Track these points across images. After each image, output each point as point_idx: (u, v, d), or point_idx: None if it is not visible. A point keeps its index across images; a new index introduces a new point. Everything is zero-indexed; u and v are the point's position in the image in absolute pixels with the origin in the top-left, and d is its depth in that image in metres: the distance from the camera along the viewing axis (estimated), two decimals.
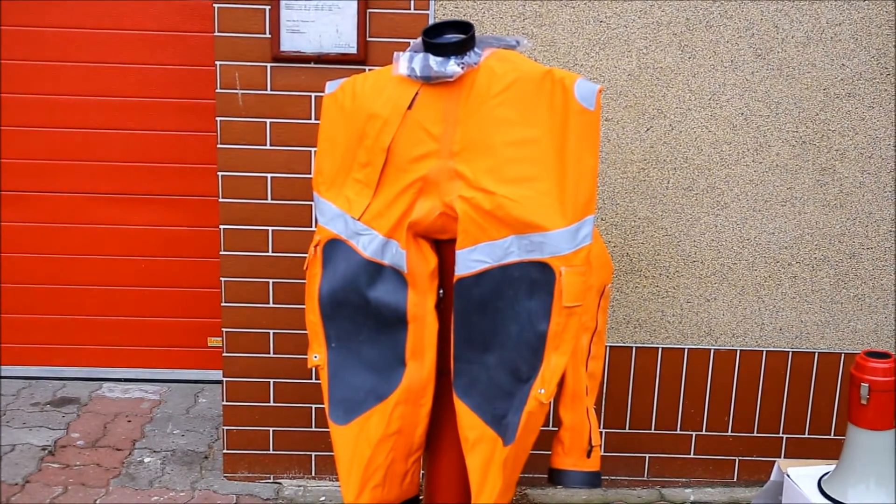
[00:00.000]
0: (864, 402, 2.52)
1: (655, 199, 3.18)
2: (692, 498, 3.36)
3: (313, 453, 3.38)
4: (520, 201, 2.22)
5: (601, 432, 3.35)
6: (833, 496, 2.58)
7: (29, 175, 4.02)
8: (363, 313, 2.39)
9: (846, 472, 2.59)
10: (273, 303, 3.26)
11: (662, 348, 3.30)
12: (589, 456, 2.48)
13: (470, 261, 2.28)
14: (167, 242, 4.08)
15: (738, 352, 3.30)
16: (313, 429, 3.35)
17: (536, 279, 2.27)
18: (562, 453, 2.49)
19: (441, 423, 2.54)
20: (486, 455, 2.36)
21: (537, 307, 2.28)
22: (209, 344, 4.12)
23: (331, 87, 2.45)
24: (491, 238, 2.26)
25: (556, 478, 2.50)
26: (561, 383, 2.41)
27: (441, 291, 2.42)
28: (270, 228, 3.21)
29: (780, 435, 3.37)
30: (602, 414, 3.34)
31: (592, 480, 2.50)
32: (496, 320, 2.32)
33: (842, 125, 3.14)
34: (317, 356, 2.46)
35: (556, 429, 2.48)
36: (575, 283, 2.26)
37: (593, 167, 2.25)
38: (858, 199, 3.19)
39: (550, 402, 2.36)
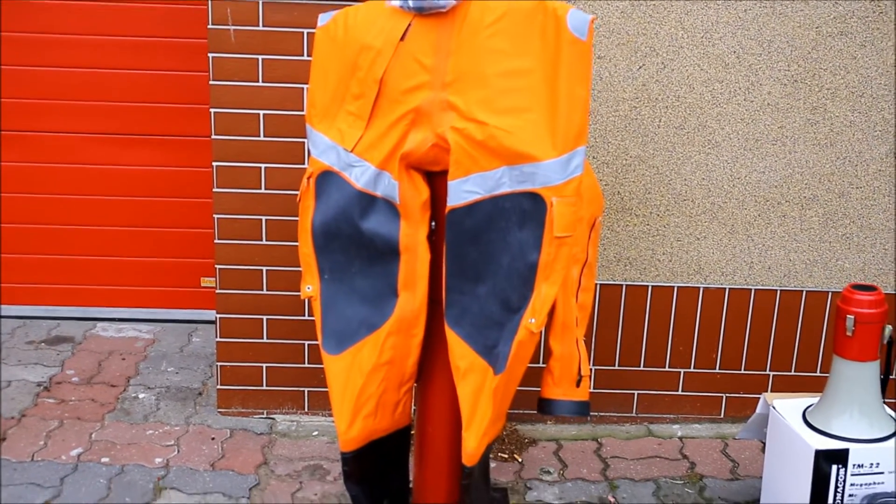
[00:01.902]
0: (849, 333, 2.55)
1: (647, 137, 3.19)
2: (680, 433, 3.41)
3: (306, 389, 3.42)
4: (512, 132, 2.23)
5: (591, 369, 3.39)
6: (817, 426, 2.63)
7: (24, 115, 4.01)
8: (356, 245, 2.41)
9: (830, 403, 2.64)
10: (266, 240, 3.27)
11: (652, 286, 3.33)
12: (578, 386, 2.51)
13: (462, 192, 2.30)
14: (161, 183, 4.08)
15: (727, 290, 3.34)
16: (306, 365, 3.39)
17: (527, 210, 2.28)
18: (551, 383, 2.53)
19: (433, 353, 2.57)
20: (476, 384, 2.39)
21: (528, 238, 2.30)
22: (202, 284, 4.14)
23: (323, 18, 2.45)
24: (482, 169, 2.27)
25: (546, 407, 2.54)
26: (551, 314, 2.44)
27: (433, 223, 2.44)
28: (263, 165, 3.21)
29: (767, 372, 3.41)
30: (592, 351, 3.38)
31: (581, 410, 2.54)
32: (487, 251, 2.34)
33: (833, 64, 3.14)
34: (310, 287, 2.49)
35: (546, 362, 2.52)
36: (566, 213, 2.28)
37: (585, 98, 2.26)
38: (849, 138, 3.20)
39: (541, 333, 2.40)
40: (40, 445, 3.19)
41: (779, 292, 3.34)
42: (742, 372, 3.41)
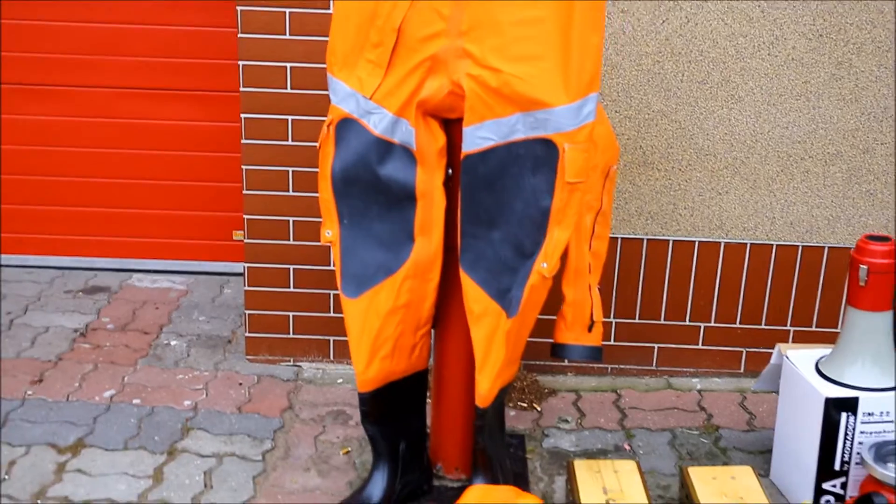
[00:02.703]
0: (862, 283, 2.56)
1: (669, 91, 3.20)
2: (699, 387, 3.44)
3: (331, 338, 3.50)
4: (525, 79, 2.27)
5: (612, 322, 3.43)
6: (829, 375, 2.65)
7: (62, 70, 4.10)
8: (374, 190, 2.47)
9: (843, 353, 2.66)
10: (292, 191, 3.34)
11: (673, 241, 3.35)
12: (590, 331, 2.57)
13: (476, 138, 2.35)
14: (193, 137, 4.17)
15: (749, 245, 3.35)
16: (332, 314, 3.46)
17: (540, 156, 2.33)
18: (564, 328, 2.58)
19: (449, 299, 2.63)
20: (490, 327, 2.45)
21: (541, 183, 2.35)
22: (234, 237, 4.23)
23: None
24: (497, 116, 2.31)
25: (559, 352, 2.60)
26: (564, 260, 2.49)
27: (450, 170, 2.49)
28: (290, 118, 3.28)
29: (788, 327, 3.43)
30: (612, 305, 3.42)
31: (593, 354, 2.59)
32: (501, 197, 2.39)
33: (859, 18, 3.12)
34: (329, 232, 2.55)
35: (559, 308, 2.57)
36: (577, 159, 2.32)
37: (598, 45, 2.30)
38: (874, 93, 3.19)
39: (553, 278, 2.45)
40: (75, 387, 3.31)
41: (801, 248, 3.35)
42: (762, 327, 3.43)
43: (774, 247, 3.35)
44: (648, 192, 3.30)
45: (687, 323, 3.44)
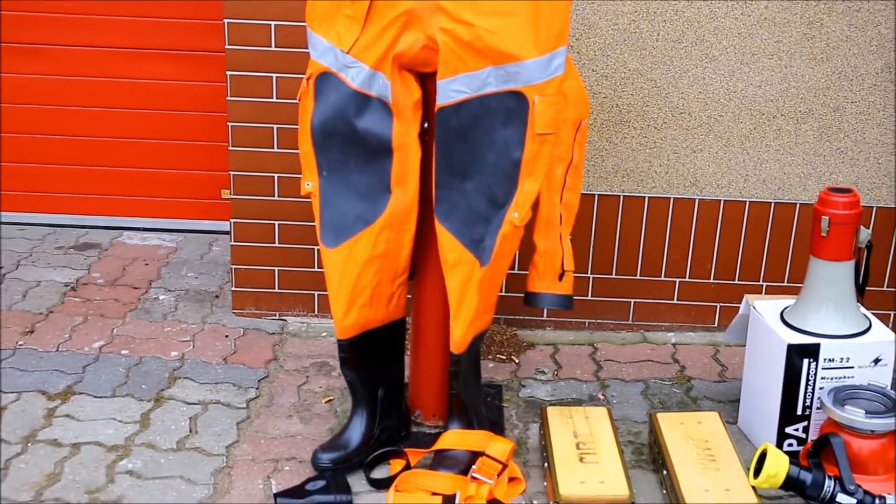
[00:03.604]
0: (824, 234, 2.64)
1: (645, 51, 3.26)
2: (673, 340, 3.52)
3: (316, 292, 3.57)
4: (497, 32, 2.33)
5: (589, 277, 3.51)
6: (793, 324, 2.73)
7: (50, 29, 4.15)
8: (352, 143, 2.53)
9: (807, 302, 2.74)
10: (277, 147, 3.40)
11: (649, 197, 3.42)
12: (561, 280, 2.64)
13: (450, 90, 2.41)
14: (185, 97, 4.22)
15: (722, 202, 3.42)
16: (316, 269, 3.53)
17: (512, 108, 2.39)
18: (536, 277, 2.65)
19: (426, 250, 2.70)
20: (464, 276, 2.53)
21: (512, 135, 2.41)
22: (223, 196, 4.28)
23: None
24: (470, 69, 2.37)
25: (531, 300, 2.67)
26: (535, 211, 2.56)
27: (425, 124, 2.55)
28: (274, 75, 3.33)
29: (761, 283, 3.50)
30: (589, 261, 3.49)
31: (564, 302, 2.66)
32: (474, 149, 2.45)
33: None
34: (309, 184, 2.62)
35: (531, 258, 2.64)
36: (547, 111, 2.39)
37: (566, 1, 2.36)
38: (844, 52, 3.25)
39: (524, 228, 2.52)
40: (65, 338, 3.39)
41: (773, 205, 3.42)
42: (736, 282, 3.50)
43: (747, 203, 3.42)
44: (624, 149, 3.36)
45: (662, 278, 3.52)
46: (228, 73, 3.34)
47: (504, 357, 3.37)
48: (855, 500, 2.37)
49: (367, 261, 2.57)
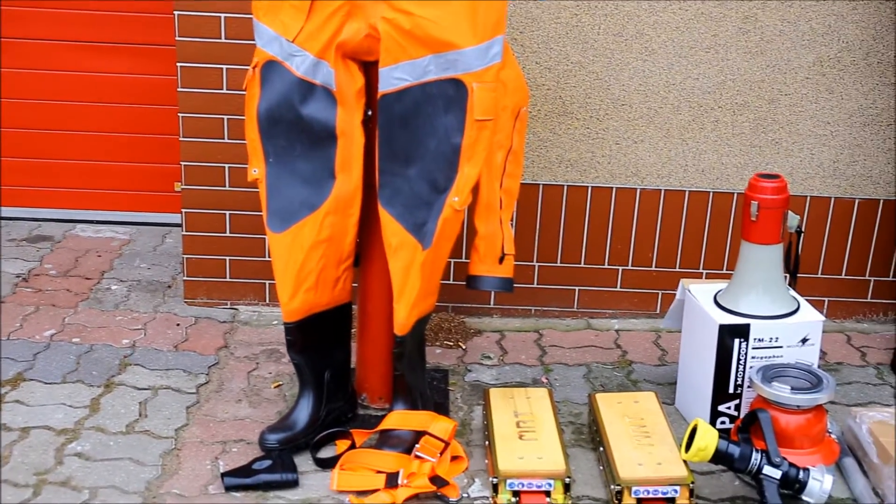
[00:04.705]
0: (753, 218, 2.73)
1: (587, 44, 3.34)
2: (617, 327, 3.61)
3: (267, 282, 3.61)
4: (436, 21, 2.39)
5: (535, 265, 3.58)
6: (725, 306, 2.82)
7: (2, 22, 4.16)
8: (297, 129, 2.58)
9: (738, 284, 2.82)
10: (227, 138, 3.44)
11: (592, 187, 3.50)
12: (501, 263, 2.70)
13: (392, 78, 2.47)
14: (136, 91, 4.24)
15: (663, 191, 3.51)
16: (266, 259, 3.56)
17: (451, 95, 2.46)
18: (477, 260, 2.72)
19: (370, 234, 2.76)
20: (407, 259, 2.58)
21: (452, 122, 2.48)
22: (175, 189, 4.31)
23: None
24: (411, 57, 2.44)
25: (472, 283, 2.73)
26: (476, 196, 2.63)
27: (369, 111, 2.61)
28: (224, 67, 3.37)
29: (701, 270, 3.59)
30: (535, 249, 3.56)
31: (504, 285, 2.73)
32: (416, 135, 2.51)
33: None
34: (256, 171, 2.66)
35: (472, 242, 2.71)
36: (486, 98, 2.46)
37: None
38: (778, 46, 3.35)
39: (465, 212, 2.58)
40: (16, 327, 3.40)
41: (711, 194, 3.51)
42: (677, 270, 3.59)
43: (687, 193, 3.51)
44: (568, 140, 3.44)
45: (606, 266, 3.60)
46: (179, 64, 3.37)
47: (451, 343, 3.44)
48: (780, 472, 2.46)
49: (312, 245, 2.62)
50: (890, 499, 2.53)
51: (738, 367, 2.77)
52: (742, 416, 2.79)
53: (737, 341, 2.75)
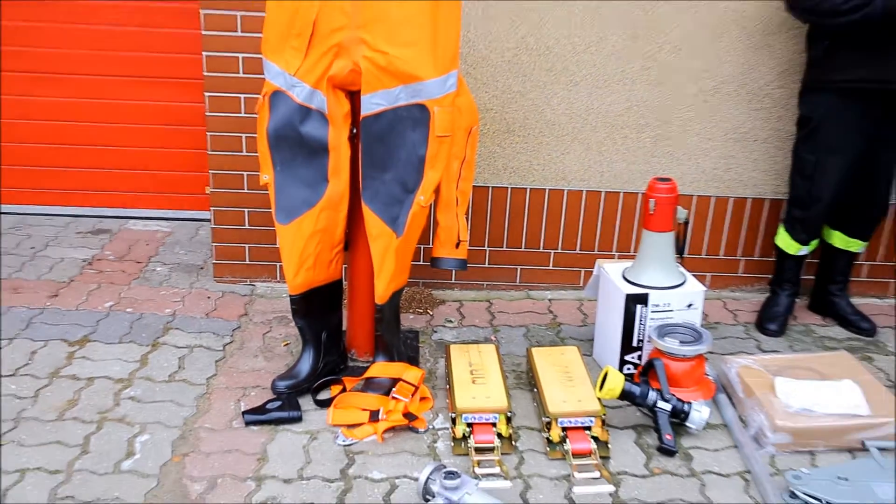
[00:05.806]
0: (651, 212, 2.75)
1: (525, 77, 3.34)
2: (549, 297, 3.62)
3: (278, 264, 3.59)
4: (405, 59, 2.39)
5: (486, 250, 3.58)
6: (630, 279, 2.84)
7: (66, 62, 4.10)
8: (298, 144, 2.57)
9: (641, 264, 2.85)
10: (245, 151, 3.41)
11: (530, 189, 3.50)
12: (458, 247, 2.70)
13: (371, 104, 2.46)
14: (174, 116, 4.18)
15: (585, 192, 3.52)
16: (276, 245, 3.55)
17: (418, 117, 2.45)
18: (438, 245, 2.71)
19: (357, 227, 2.75)
20: (384, 245, 2.58)
21: (419, 137, 2.48)
22: (206, 191, 4.27)
23: None
24: (386, 87, 2.43)
25: (435, 263, 2.73)
26: (438, 195, 2.63)
27: (353, 129, 2.60)
28: (242, 96, 3.34)
29: (614, 252, 3.61)
30: (486, 237, 3.56)
31: (460, 265, 2.73)
32: (390, 148, 2.51)
33: (663, 22, 3.29)
34: (266, 177, 2.64)
35: (434, 230, 2.70)
36: (444, 118, 2.46)
37: (456, 34, 2.44)
38: (673, 80, 3.37)
39: (429, 208, 2.58)
40: (83, 300, 3.37)
41: (622, 194, 3.53)
42: (596, 252, 3.60)
43: (603, 193, 3.53)
44: (511, 152, 3.44)
45: (541, 250, 3.61)
46: (206, 94, 3.34)
47: (421, 311, 3.44)
48: (670, 406, 2.49)
49: (310, 234, 2.62)
50: (750, 423, 2.57)
51: (639, 327, 2.79)
52: (643, 363, 2.81)
53: (639, 307, 2.77)
